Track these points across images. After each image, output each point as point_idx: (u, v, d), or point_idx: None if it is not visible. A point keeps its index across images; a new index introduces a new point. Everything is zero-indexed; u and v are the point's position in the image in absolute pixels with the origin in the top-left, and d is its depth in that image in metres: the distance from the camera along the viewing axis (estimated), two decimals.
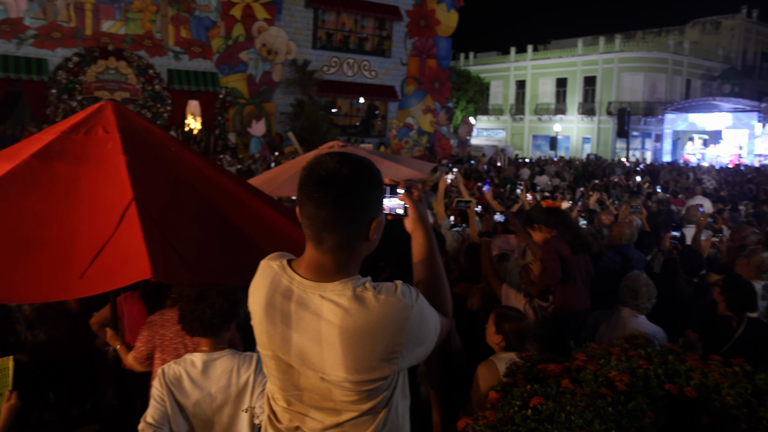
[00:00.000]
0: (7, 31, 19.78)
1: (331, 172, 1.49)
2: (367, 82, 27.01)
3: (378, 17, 27.09)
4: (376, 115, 28.16)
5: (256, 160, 17.08)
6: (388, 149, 23.92)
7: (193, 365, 2.68)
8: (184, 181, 3.24)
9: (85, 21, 21.10)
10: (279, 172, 7.22)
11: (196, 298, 2.71)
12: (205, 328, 2.70)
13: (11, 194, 2.83)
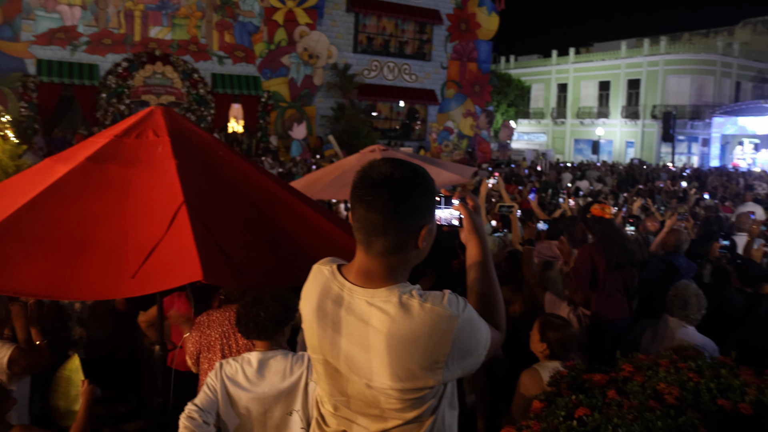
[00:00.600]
0: (62, 38, 20.49)
1: (384, 176, 1.50)
2: (407, 86, 27.04)
3: (418, 21, 27.11)
4: (416, 118, 28.16)
5: (296, 163, 17.27)
6: (427, 153, 23.90)
7: (249, 363, 2.75)
8: (232, 184, 3.30)
9: (134, 27, 21.71)
10: (320, 175, 7.28)
11: (252, 302, 2.78)
12: (259, 330, 2.75)
13: (68, 195, 2.93)
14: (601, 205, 4.43)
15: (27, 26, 20.11)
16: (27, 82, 19.31)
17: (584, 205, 4.97)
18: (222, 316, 3.56)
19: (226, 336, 3.53)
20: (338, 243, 3.40)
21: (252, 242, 3.08)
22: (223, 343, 3.52)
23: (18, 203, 2.89)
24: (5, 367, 3.38)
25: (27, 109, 19.13)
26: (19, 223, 2.76)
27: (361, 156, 7.30)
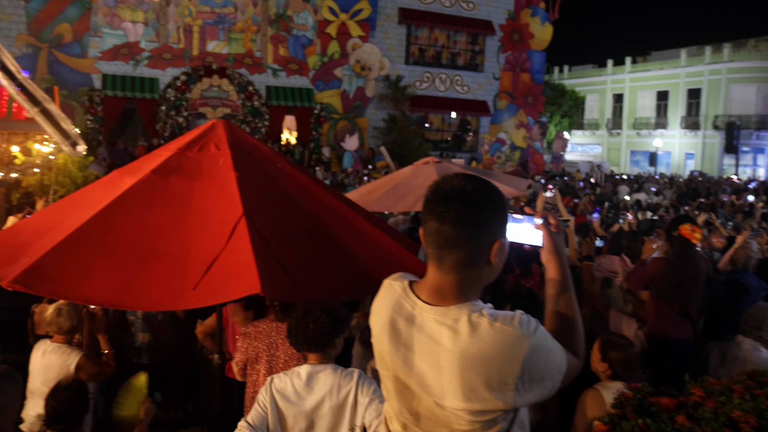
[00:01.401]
0: (126, 54, 21.33)
1: (457, 188, 1.50)
2: (459, 97, 26.96)
3: (470, 32, 27.04)
4: (468, 129, 28.02)
5: (348, 174, 17.40)
6: (479, 164, 23.72)
7: (298, 376, 2.75)
8: (290, 197, 3.34)
9: (192, 42, 22.40)
10: (374, 187, 7.30)
11: (302, 315, 2.79)
12: (308, 343, 2.76)
13: (134, 207, 3.02)
14: (693, 226, 4.18)
15: (94, 43, 21.02)
16: (93, 96, 20.15)
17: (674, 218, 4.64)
18: (269, 327, 3.59)
19: (272, 347, 3.56)
20: (395, 257, 3.40)
21: (309, 255, 3.10)
22: (270, 354, 3.55)
23: (89, 214, 2.99)
24: (73, 372, 3.49)
25: (92, 122, 19.93)
26: (90, 234, 2.85)
27: (415, 168, 7.29)
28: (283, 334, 3.54)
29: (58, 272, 2.71)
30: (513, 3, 27.76)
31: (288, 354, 3.49)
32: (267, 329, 3.60)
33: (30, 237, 3.20)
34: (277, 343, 3.55)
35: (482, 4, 27.15)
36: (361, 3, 24.56)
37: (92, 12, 20.92)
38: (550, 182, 18.19)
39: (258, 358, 3.60)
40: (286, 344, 3.52)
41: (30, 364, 3.68)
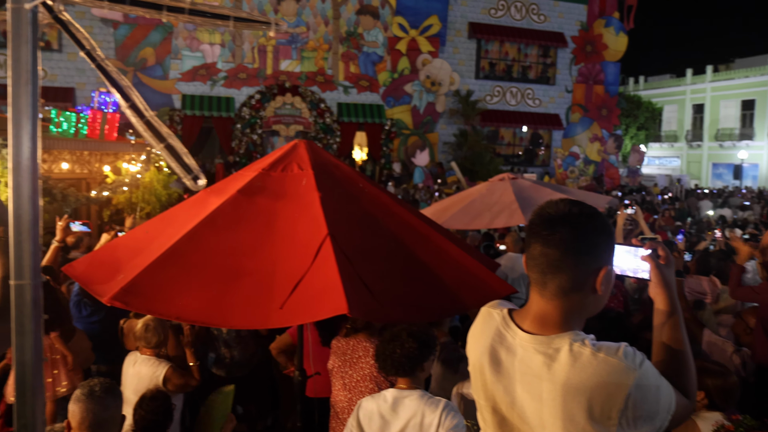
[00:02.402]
0: (203, 74, 22.24)
1: (562, 212, 1.48)
2: (530, 111, 26.56)
3: (542, 45, 26.64)
4: (540, 144, 27.53)
5: (419, 190, 17.40)
6: (552, 179, 23.22)
7: (384, 400, 2.74)
8: (372, 217, 3.34)
9: (266, 62, 23.09)
10: (448, 204, 7.25)
11: (389, 339, 2.78)
12: (396, 367, 2.75)
13: (222, 227, 3.10)
14: None
15: (175, 65, 22.02)
16: (173, 115, 21.08)
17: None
18: (345, 344, 3.61)
19: (345, 365, 3.57)
20: (477, 277, 3.34)
21: (392, 275, 3.08)
22: (343, 372, 3.56)
23: (179, 233, 3.09)
24: (161, 384, 3.61)
25: None
26: (181, 253, 2.95)
27: (490, 184, 7.21)
28: (357, 352, 3.55)
29: (152, 290, 2.81)
30: (585, 14, 27.19)
31: (361, 374, 3.49)
32: (343, 347, 3.62)
33: (124, 254, 3.34)
34: (349, 361, 3.56)
35: (553, 16, 26.73)
36: (431, 19, 24.67)
37: (173, 36, 21.94)
38: (627, 197, 17.57)
39: (334, 374, 3.63)
40: (359, 363, 3.52)
41: (122, 374, 3.85)
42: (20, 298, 0.89)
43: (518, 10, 26.22)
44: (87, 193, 7.76)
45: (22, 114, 0.84)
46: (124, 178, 8.43)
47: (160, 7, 0.85)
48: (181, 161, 0.91)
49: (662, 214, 14.16)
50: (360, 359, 3.49)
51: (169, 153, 0.91)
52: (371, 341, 3.52)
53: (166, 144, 0.90)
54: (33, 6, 0.81)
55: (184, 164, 0.91)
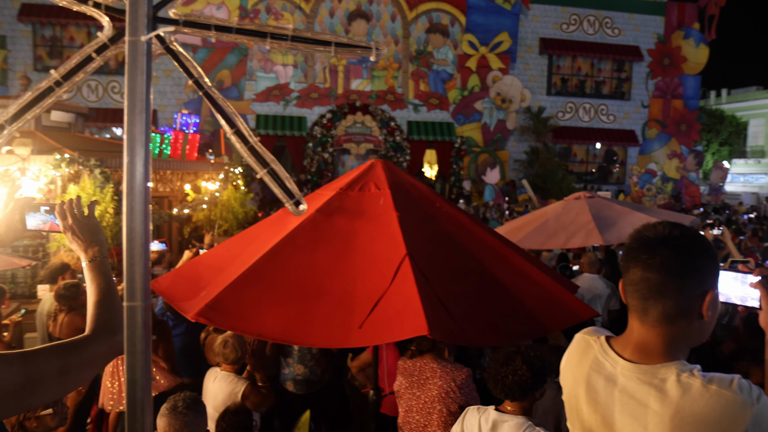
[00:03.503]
0: (277, 95, 22.92)
1: (662, 234, 1.42)
2: (604, 127, 25.86)
3: (616, 59, 25.94)
4: (615, 161, 26.71)
5: (489, 208, 17.20)
6: (627, 197, 22.46)
7: (486, 419, 2.70)
8: (449, 236, 3.31)
9: (337, 81, 23.54)
10: (522, 223, 7.12)
11: (502, 361, 2.73)
12: (505, 392, 2.69)
13: (301, 245, 3.15)
14: None
15: (249, 86, 22.79)
16: None
17: None
18: (412, 366, 3.57)
19: (413, 386, 3.52)
20: (557, 298, 3.25)
21: (470, 296, 3.04)
22: (410, 393, 3.52)
23: (260, 252, 3.16)
24: (239, 401, 3.68)
25: None
26: (262, 271, 3.01)
27: (566, 203, 7.03)
28: (425, 373, 3.50)
29: (235, 307, 2.88)
30: (663, 26, 26.33)
31: (429, 395, 3.44)
32: (410, 368, 3.58)
33: (207, 271, 3.44)
34: (416, 383, 3.51)
35: (628, 30, 26.02)
36: (501, 35, 24.53)
37: (248, 58, 22.73)
38: (710, 216, 16.76)
39: (401, 395, 3.59)
40: (427, 384, 3.47)
41: (203, 388, 3.95)
42: (132, 319, 0.92)
43: (591, 25, 25.69)
44: (169, 211, 8.10)
45: (136, 141, 0.88)
46: (204, 197, 8.74)
47: (264, 35, 0.87)
48: (284, 186, 0.91)
49: (750, 234, 13.40)
50: (428, 380, 3.44)
51: (272, 178, 0.92)
52: (439, 362, 3.48)
53: (269, 169, 0.91)
54: (148, 38, 0.84)
55: (286, 189, 0.91)
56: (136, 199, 0.89)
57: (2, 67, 22.41)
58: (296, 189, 0.92)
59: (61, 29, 22.57)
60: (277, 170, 0.89)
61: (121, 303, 1.60)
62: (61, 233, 1.74)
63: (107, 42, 0.90)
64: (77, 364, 1.46)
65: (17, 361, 1.37)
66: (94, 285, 1.63)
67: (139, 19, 0.84)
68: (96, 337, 1.50)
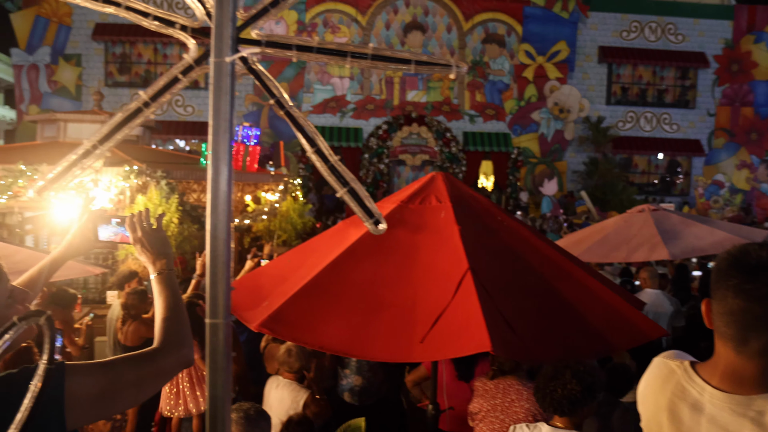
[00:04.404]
0: (333, 107, 23.24)
1: (766, 261, 1.32)
2: (667, 137, 25.04)
3: (680, 66, 25.13)
4: (678, 172, 25.82)
5: (546, 220, 16.90)
6: (692, 210, 21.65)
7: None
8: (511, 251, 3.26)
9: (393, 93, 23.69)
10: (583, 236, 6.96)
11: (551, 376, 2.67)
12: (554, 407, 2.63)
13: (362, 258, 3.16)
14: None
15: (307, 98, 23.20)
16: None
17: None
18: (495, 388, 3.49)
19: (496, 409, 3.44)
20: (624, 316, 3.15)
21: (533, 312, 2.98)
22: (493, 417, 3.44)
23: (320, 264, 3.19)
24: (301, 409, 3.71)
25: (304, 170, 21.82)
26: (323, 283, 3.03)
27: (629, 216, 6.84)
28: (509, 396, 3.42)
29: (296, 319, 2.91)
30: (731, 31, 25.35)
31: (515, 418, 3.36)
32: (493, 389, 3.50)
33: (268, 282, 3.50)
34: (503, 405, 3.43)
35: (693, 35, 25.17)
36: (559, 45, 24.17)
37: (306, 71, 23.14)
38: None
39: (481, 417, 3.51)
40: (512, 407, 3.39)
41: (264, 396, 4.00)
42: (214, 336, 0.93)
43: (653, 31, 25.00)
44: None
45: (221, 161, 0.89)
46: (263, 207, 8.92)
47: (345, 54, 0.87)
48: (363, 205, 0.92)
49: None
50: (513, 403, 3.35)
51: (352, 197, 0.92)
52: (523, 383, 3.39)
53: (348, 188, 0.92)
54: (232, 60, 0.86)
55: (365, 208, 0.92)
56: (220, 218, 0.91)
57: (77, 83, 23.56)
58: (376, 208, 0.92)
59: (130, 46, 23.56)
60: (356, 189, 0.89)
61: (187, 316, 1.64)
62: (131, 244, 1.80)
63: (192, 63, 0.93)
64: (149, 375, 1.50)
65: (96, 372, 1.42)
66: (162, 298, 1.67)
67: (224, 41, 0.86)
68: (165, 349, 1.55)
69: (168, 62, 23.58)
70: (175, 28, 0.92)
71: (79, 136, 9.06)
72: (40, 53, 23.32)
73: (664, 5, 24.82)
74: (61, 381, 1.27)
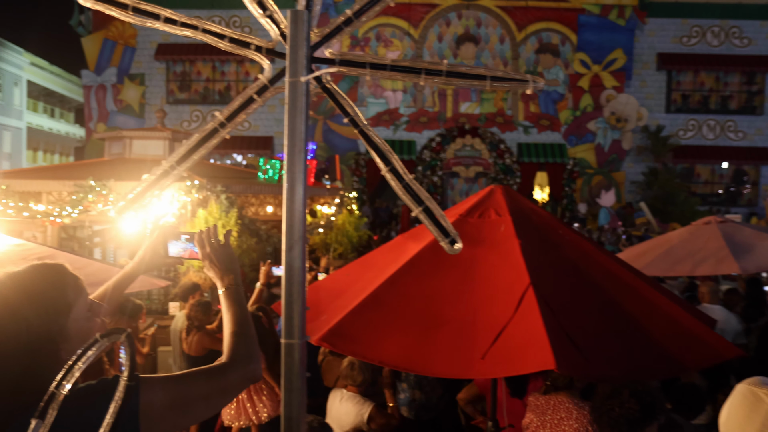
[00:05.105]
0: (387, 120, 23.39)
1: None
2: (732, 145, 24.08)
3: (746, 71, 24.18)
4: (744, 181, 24.77)
5: (604, 232, 16.48)
6: (761, 221, 20.69)
7: None
8: (574, 265, 3.18)
9: (446, 105, 23.66)
10: (644, 249, 6.75)
11: (609, 394, 2.58)
12: (611, 426, 2.54)
13: (421, 273, 3.14)
14: None
15: (361, 112, 23.13)
16: (359, 159, 22.29)
17: None
18: (545, 403, 3.41)
19: (545, 425, 3.36)
20: (695, 335, 3.03)
21: (597, 329, 2.90)
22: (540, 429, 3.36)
23: (379, 278, 3.18)
24: (365, 422, 3.71)
25: (357, 183, 21.99)
26: (382, 297, 3.02)
27: (694, 229, 6.60)
28: (559, 413, 3.34)
29: (356, 333, 2.91)
30: None
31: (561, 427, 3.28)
32: (543, 405, 3.43)
33: (327, 296, 3.51)
34: (552, 421, 3.35)
35: (760, 38, 24.16)
36: (615, 53, 23.65)
37: (359, 85, 23.38)
38: None
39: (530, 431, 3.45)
40: (561, 425, 3.31)
41: (327, 409, 4.02)
42: (290, 356, 0.94)
43: (716, 36, 24.17)
44: None
45: (296, 180, 0.90)
46: (320, 220, 9.02)
47: (419, 71, 0.87)
48: (439, 224, 0.91)
49: None
50: (562, 421, 3.28)
51: (427, 216, 0.91)
52: (574, 402, 3.30)
53: (424, 207, 0.91)
54: (308, 79, 0.86)
55: (441, 227, 0.90)
56: (295, 238, 0.91)
57: (141, 101, 24.52)
58: (451, 227, 0.91)
59: (190, 65, 24.36)
60: (432, 208, 0.88)
61: (255, 331, 1.66)
62: (199, 260, 1.84)
63: (267, 83, 0.94)
64: (218, 389, 1.52)
65: (168, 385, 1.45)
66: (230, 313, 1.70)
67: (299, 61, 0.86)
68: (234, 365, 1.57)
69: (225, 79, 24.27)
70: (250, 49, 0.93)
71: (143, 152, 9.40)
72: (107, 74, 24.41)
73: (727, 8, 23.96)
74: (137, 395, 1.31)
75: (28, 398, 1.19)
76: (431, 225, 0.91)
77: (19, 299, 1.28)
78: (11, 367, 1.21)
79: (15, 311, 1.26)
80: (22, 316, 1.26)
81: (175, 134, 9.77)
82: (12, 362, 1.22)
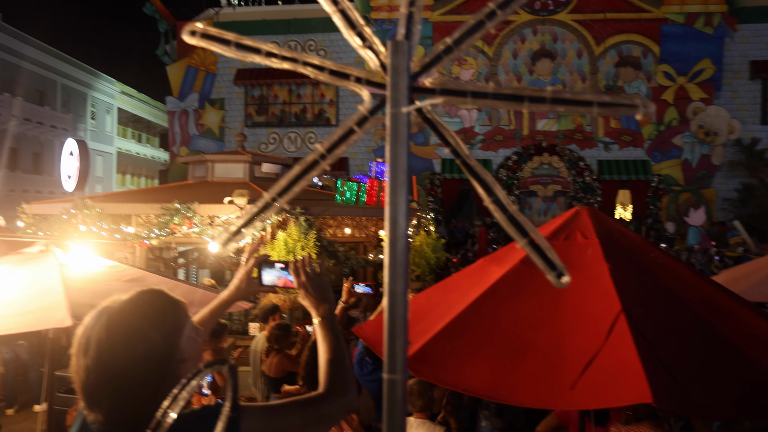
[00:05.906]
0: (462, 139, 23.06)
1: None
2: None
3: None
4: None
5: (694, 253, 15.65)
6: None
7: None
8: (668, 291, 3.01)
9: (522, 123, 23.32)
10: (743, 272, 6.34)
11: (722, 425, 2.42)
12: None
13: (505, 298, 3.05)
14: None
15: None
16: (433, 179, 22.26)
17: None
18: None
19: None
20: None
21: (697, 360, 2.71)
22: None
23: (461, 302, 3.12)
24: None
25: (432, 203, 21.94)
26: (466, 323, 2.96)
27: None
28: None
29: (439, 359, 2.85)
30: None
31: None
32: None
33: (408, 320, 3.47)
34: None
35: None
36: (703, 63, 22.64)
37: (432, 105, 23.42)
38: None
39: None
40: None
41: None
42: (392, 392, 0.91)
43: None
44: (365, 256, 8.47)
45: (399, 212, 0.88)
46: None
47: (522, 99, 0.83)
48: (545, 257, 0.86)
49: None
50: None
51: (532, 248, 0.87)
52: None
53: (528, 240, 0.87)
54: (409, 110, 0.85)
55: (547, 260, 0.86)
56: (399, 272, 0.89)
57: (221, 125, 25.56)
58: (558, 259, 0.86)
59: (267, 88, 25.20)
60: (537, 240, 0.84)
61: (351, 361, 1.65)
62: (294, 289, 1.84)
63: (367, 114, 0.93)
64: (313, 420, 1.52)
65: (265, 415, 1.46)
66: (326, 343, 1.69)
67: (400, 92, 0.85)
68: (330, 395, 1.56)
69: (301, 102, 24.93)
70: (350, 80, 0.93)
71: (224, 175, 9.75)
72: (189, 99, 25.63)
73: None
74: (237, 424, 1.32)
75: None
76: (537, 258, 0.86)
77: (143, 322, 1.32)
78: (145, 389, 1.25)
79: (141, 333, 1.30)
80: (149, 338, 1.30)
81: (255, 157, 10.07)
82: (146, 383, 1.26)
